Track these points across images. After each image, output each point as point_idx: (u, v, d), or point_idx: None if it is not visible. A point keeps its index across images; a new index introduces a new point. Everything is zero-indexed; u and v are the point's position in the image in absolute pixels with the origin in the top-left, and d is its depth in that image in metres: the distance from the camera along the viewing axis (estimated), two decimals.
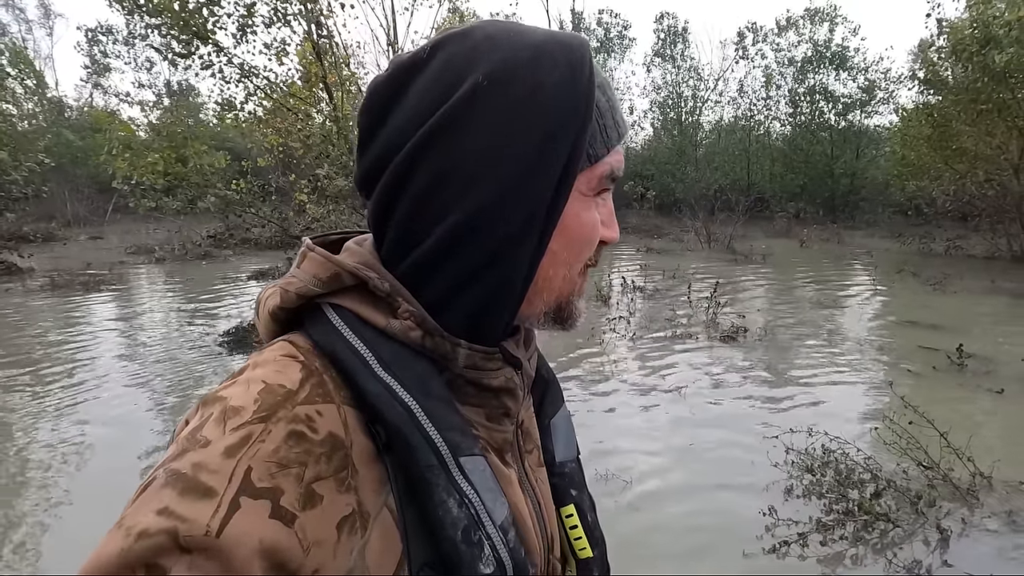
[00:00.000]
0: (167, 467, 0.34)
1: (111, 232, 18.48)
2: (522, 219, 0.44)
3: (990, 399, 4.39)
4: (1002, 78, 10.54)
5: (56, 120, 23.78)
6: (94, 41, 26.76)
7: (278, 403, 0.38)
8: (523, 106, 0.43)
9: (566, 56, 0.44)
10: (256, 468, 0.34)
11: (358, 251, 0.48)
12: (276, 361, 0.41)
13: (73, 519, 2.98)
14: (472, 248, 0.44)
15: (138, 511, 0.33)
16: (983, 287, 8.88)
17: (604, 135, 0.47)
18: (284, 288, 0.46)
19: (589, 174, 0.47)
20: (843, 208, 20.27)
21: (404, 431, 0.40)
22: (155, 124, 9.91)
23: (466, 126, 0.43)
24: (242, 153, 13.47)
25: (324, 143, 8.49)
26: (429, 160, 0.43)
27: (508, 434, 0.51)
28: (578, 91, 0.44)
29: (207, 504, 0.32)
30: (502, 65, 0.43)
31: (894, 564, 2.51)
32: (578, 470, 0.61)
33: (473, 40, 0.45)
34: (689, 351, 5.76)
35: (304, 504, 0.35)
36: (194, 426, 0.37)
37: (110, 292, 9.25)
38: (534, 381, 0.59)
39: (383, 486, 0.40)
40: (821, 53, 20.94)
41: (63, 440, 3.87)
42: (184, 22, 7.77)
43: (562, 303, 0.50)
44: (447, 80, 0.44)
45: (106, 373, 5.22)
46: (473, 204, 0.43)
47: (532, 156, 0.43)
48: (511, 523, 0.44)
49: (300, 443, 0.37)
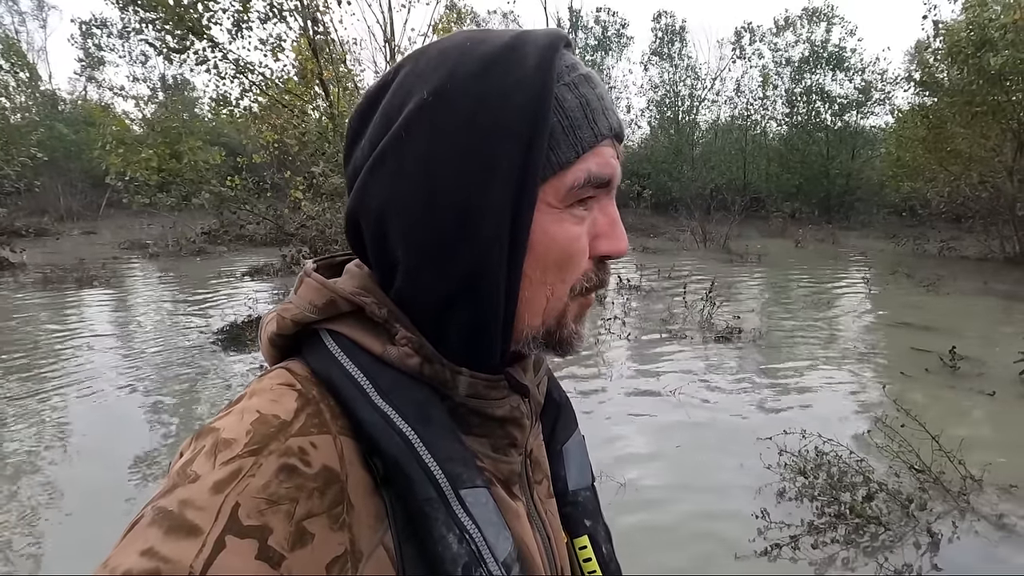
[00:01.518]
0: (155, 504, 0.33)
1: (105, 227, 18.36)
2: (486, 238, 0.40)
3: (982, 402, 4.41)
4: (997, 80, 10.59)
5: (49, 114, 23.63)
6: (88, 34, 26.54)
7: (271, 435, 0.36)
8: (469, 118, 0.40)
9: (522, 57, 0.41)
10: (244, 504, 0.33)
11: (358, 274, 0.46)
12: (272, 390, 0.40)
13: (63, 520, 2.96)
14: (441, 274, 0.42)
15: (123, 552, 0.32)
16: (976, 288, 8.93)
17: (572, 137, 0.42)
18: (281, 315, 0.45)
19: (556, 183, 0.42)
20: (838, 208, 20.36)
21: (402, 462, 0.39)
22: (149, 119, 9.85)
23: (412, 145, 0.41)
24: (238, 149, 13.40)
25: (320, 140, 8.45)
26: (378, 187, 0.42)
27: (515, 465, 0.48)
28: (531, 94, 0.40)
29: (191, 544, 0.31)
30: (448, 78, 0.40)
31: (884, 567, 2.52)
32: (592, 498, 0.58)
33: (427, 56, 0.43)
34: (684, 351, 5.77)
35: (294, 544, 0.33)
36: (186, 459, 0.36)
37: (103, 288, 9.20)
38: (545, 405, 0.56)
39: (380, 522, 0.38)
40: (818, 53, 21.00)
41: (53, 436, 3.85)
42: (179, 17, 7.71)
43: (551, 329, 0.46)
44: (399, 100, 0.42)
45: (98, 370, 5.18)
46: (430, 230, 0.41)
47: (481, 168, 0.40)
48: (515, 559, 0.42)
49: (292, 477, 0.35)
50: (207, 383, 4.92)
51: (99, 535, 2.79)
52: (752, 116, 22.87)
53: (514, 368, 0.47)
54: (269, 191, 9.82)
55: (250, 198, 9.17)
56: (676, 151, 22.44)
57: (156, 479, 3.34)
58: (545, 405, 0.56)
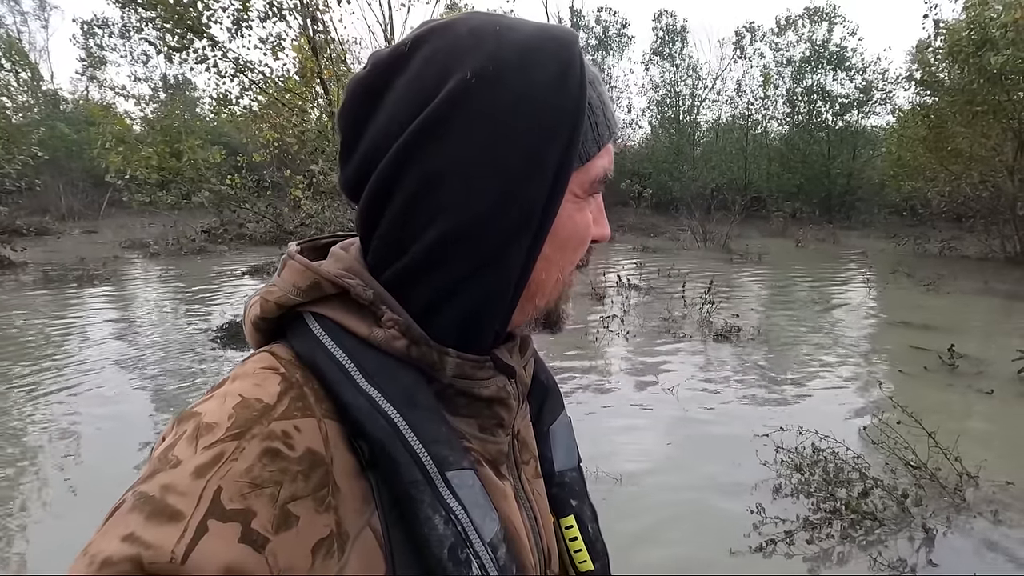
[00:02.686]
0: (136, 489, 0.33)
1: (105, 226, 18.37)
2: (515, 224, 0.42)
3: (980, 399, 4.41)
4: (998, 80, 10.57)
5: (51, 113, 23.64)
6: (90, 34, 26.57)
7: (253, 419, 0.36)
8: (514, 107, 0.41)
9: (556, 53, 0.42)
10: (227, 488, 0.33)
11: (344, 257, 0.46)
12: (255, 374, 0.40)
13: (64, 515, 2.97)
14: (462, 254, 0.42)
15: (104, 537, 0.31)
16: (976, 288, 8.92)
17: (596, 133, 0.45)
18: (264, 298, 0.44)
19: (583, 175, 0.45)
20: (839, 208, 20.33)
21: (387, 445, 0.39)
22: (150, 118, 9.86)
23: (454, 128, 0.41)
24: (238, 148, 13.42)
25: (319, 139, 8.46)
26: (416, 163, 0.41)
27: (502, 445, 0.49)
28: (570, 90, 0.42)
29: (173, 529, 0.31)
30: (490, 62, 0.41)
31: (879, 563, 2.52)
32: (579, 479, 0.58)
33: (456, 34, 0.42)
34: (683, 350, 5.77)
35: (278, 526, 0.33)
36: (167, 444, 0.36)
37: (104, 286, 9.21)
38: (533, 388, 0.57)
39: (367, 504, 0.39)
40: (819, 53, 20.96)
41: (55, 432, 3.86)
42: (179, 16, 7.72)
43: (551, 307, 0.48)
44: (431, 77, 0.41)
45: (99, 368, 5.20)
46: (464, 210, 0.41)
47: (525, 159, 0.41)
48: (502, 539, 0.42)
49: (275, 461, 0.35)
50: (207, 380, 4.93)
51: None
52: (753, 116, 22.83)
53: (499, 349, 0.48)
54: (269, 190, 9.84)
55: (250, 196, 9.18)
56: (677, 151, 22.41)
57: None
58: (532, 387, 0.56)
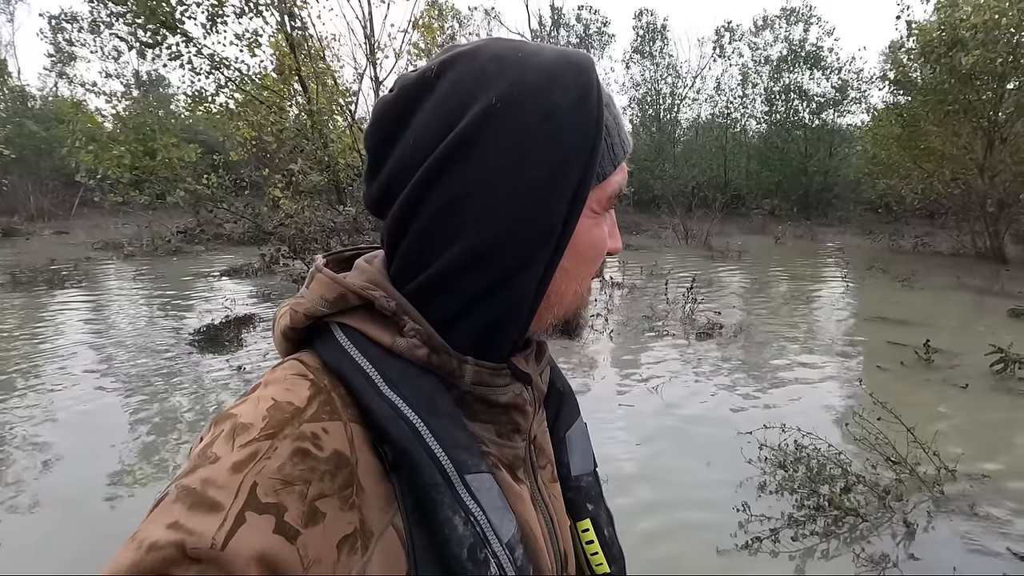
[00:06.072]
0: (179, 483, 0.36)
1: (77, 227, 17.89)
2: (536, 241, 0.44)
3: (955, 394, 4.51)
4: (968, 80, 10.82)
5: (18, 110, 22.92)
6: (58, 29, 25.77)
7: (285, 420, 0.39)
8: (537, 130, 0.43)
9: (576, 77, 0.45)
10: (262, 484, 0.35)
11: (367, 269, 0.49)
12: (286, 379, 0.43)
13: (30, 522, 2.87)
14: (484, 270, 0.44)
15: (150, 525, 0.34)
16: (949, 283, 9.14)
17: (612, 152, 0.48)
18: (293, 309, 0.47)
19: (599, 192, 0.48)
20: (816, 205, 20.68)
21: (409, 449, 0.41)
22: (122, 116, 9.58)
23: (480, 150, 0.43)
24: (215, 146, 13.12)
25: (298, 137, 8.32)
26: (443, 184, 0.44)
27: (519, 450, 0.51)
28: (589, 113, 0.45)
29: (214, 518, 0.34)
30: (515, 88, 0.43)
31: (862, 558, 2.55)
32: (595, 484, 0.61)
33: (481, 60, 0.45)
34: (666, 348, 5.80)
35: (307, 521, 0.36)
36: (206, 442, 0.39)
37: (76, 289, 8.95)
38: (549, 394, 0.59)
39: (390, 505, 0.41)
40: (796, 53, 21.28)
41: (25, 441, 3.73)
42: (151, 11, 7.52)
43: (570, 316, 0.51)
44: (457, 101, 0.44)
45: (71, 373, 5.04)
46: (487, 228, 0.43)
47: (547, 180, 0.43)
48: (519, 540, 0.44)
49: (305, 460, 0.38)
50: (183, 386, 4.81)
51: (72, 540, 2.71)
52: (732, 114, 23.13)
53: (516, 358, 0.50)
54: (247, 189, 9.64)
55: (227, 196, 8.99)
56: (658, 149, 22.59)
57: (130, 485, 3.26)
58: (549, 394, 0.59)
